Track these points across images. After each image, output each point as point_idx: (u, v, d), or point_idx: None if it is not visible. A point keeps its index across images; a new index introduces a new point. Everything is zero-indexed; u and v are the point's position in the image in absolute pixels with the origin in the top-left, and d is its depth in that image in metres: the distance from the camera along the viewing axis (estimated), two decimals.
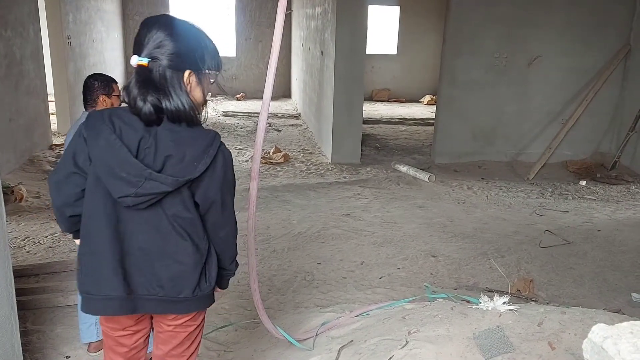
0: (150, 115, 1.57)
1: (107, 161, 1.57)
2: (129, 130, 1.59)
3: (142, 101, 1.56)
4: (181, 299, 1.72)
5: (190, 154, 1.59)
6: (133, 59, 1.58)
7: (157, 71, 1.58)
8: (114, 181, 1.57)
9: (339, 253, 4.48)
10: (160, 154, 1.59)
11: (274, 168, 7.01)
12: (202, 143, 1.62)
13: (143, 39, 1.58)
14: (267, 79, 2.18)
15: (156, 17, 1.65)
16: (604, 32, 7.19)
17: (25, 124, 6.67)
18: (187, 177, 1.59)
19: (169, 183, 1.58)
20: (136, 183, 1.56)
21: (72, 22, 8.50)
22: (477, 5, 6.98)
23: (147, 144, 1.59)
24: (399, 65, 13.40)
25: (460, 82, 7.24)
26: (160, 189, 1.58)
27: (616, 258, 4.54)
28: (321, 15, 8.04)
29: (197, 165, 1.60)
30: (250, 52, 12.97)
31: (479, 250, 4.61)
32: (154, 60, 1.57)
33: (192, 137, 1.62)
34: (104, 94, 2.81)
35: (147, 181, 1.56)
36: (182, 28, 1.62)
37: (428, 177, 6.60)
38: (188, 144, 1.60)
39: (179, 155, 1.59)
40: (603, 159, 7.39)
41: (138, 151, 1.59)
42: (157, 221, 1.65)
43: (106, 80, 2.85)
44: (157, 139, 1.59)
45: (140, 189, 1.56)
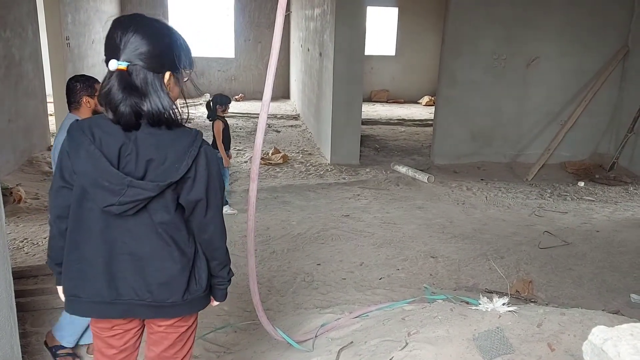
0: (130, 119, 1.55)
1: (89, 172, 1.56)
2: (108, 139, 1.58)
3: (124, 106, 1.53)
4: (170, 303, 1.71)
5: (171, 156, 1.58)
6: (112, 63, 1.52)
7: (137, 75, 1.55)
8: (98, 191, 1.56)
9: (338, 254, 4.48)
10: (142, 159, 1.58)
11: (273, 169, 7.01)
12: (183, 144, 1.59)
13: (118, 41, 1.53)
14: (267, 80, 2.19)
15: (129, 17, 1.59)
16: (603, 34, 7.20)
17: (24, 125, 6.66)
18: (169, 180, 1.58)
19: (150, 188, 1.57)
20: (119, 191, 1.55)
21: (71, 23, 8.49)
22: (476, 6, 6.98)
23: (127, 151, 1.57)
24: (397, 66, 13.41)
25: (459, 83, 7.25)
26: (143, 195, 1.57)
27: (615, 259, 4.54)
28: (320, 17, 8.04)
29: (179, 167, 1.58)
30: (249, 53, 12.97)
31: (478, 251, 4.61)
32: (133, 64, 1.53)
33: (173, 138, 1.60)
34: (87, 95, 2.78)
35: (129, 189, 1.55)
36: (156, 28, 1.59)
37: (427, 178, 6.60)
38: (169, 146, 1.58)
39: (160, 158, 1.57)
40: (601, 160, 7.40)
41: (119, 159, 1.58)
42: (144, 227, 1.64)
43: (88, 81, 2.83)
44: (138, 144, 1.57)
45: (123, 197, 1.55)
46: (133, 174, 1.57)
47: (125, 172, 1.57)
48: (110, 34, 1.56)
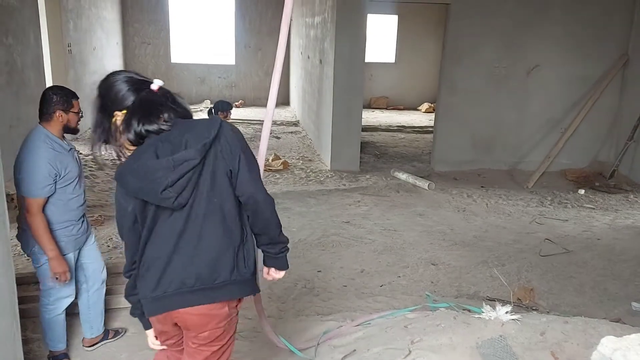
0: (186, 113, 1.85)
1: (136, 185, 1.72)
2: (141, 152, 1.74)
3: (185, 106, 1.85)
4: (218, 284, 1.79)
5: (199, 129, 1.76)
6: (157, 82, 1.81)
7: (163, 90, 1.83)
8: (148, 191, 1.70)
9: (339, 261, 4.48)
10: (176, 145, 1.73)
11: (274, 175, 7.02)
12: (205, 121, 1.83)
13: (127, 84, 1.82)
14: (271, 89, 2.20)
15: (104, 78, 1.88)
16: (602, 42, 7.24)
17: (26, 131, 6.62)
18: (203, 141, 1.71)
19: (191, 155, 1.70)
20: (164, 175, 1.68)
21: (73, 30, 8.52)
22: (476, 14, 7.01)
23: (161, 147, 1.73)
24: (397, 73, 13.45)
25: (459, 90, 7.27)
26: (189, 166, 1.69)
27: (616, 267, 4.54)
28: (320, 25, 8.08)
29: (209, 133, 1.74)
30: (249, 60, 13.00)
31: (479, 259, 4.61)
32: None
33: (196, 121, 1.83)
34: (62, 109, 2.68)
35: (175, 169, 1.68)
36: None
37: (428, 185, 6.61)
38: (194, 125, 1.79)
39: (190, 136, 1.74)
40: (602, 168, 7.41)
41: (157, 156, 1.73)
42: (195, 214, 1.76)
43: (66, 95, 2.72)
44: (170, 137, 1.75)
45: (173, 175, 1.68)
46: None
47: None
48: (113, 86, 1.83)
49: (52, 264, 2.69)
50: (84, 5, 9.12)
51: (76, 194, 2.78)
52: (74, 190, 2.76)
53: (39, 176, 2.61)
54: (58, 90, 2.75)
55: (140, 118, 1.74)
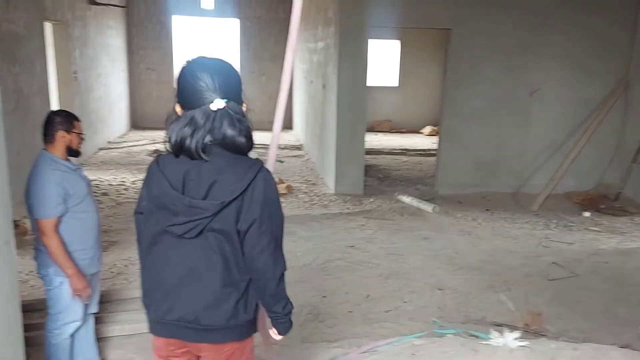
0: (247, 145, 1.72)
1: (157, 196, 1.72)
2: (174, 166, 1.71)
3: (240, 136, 1.69)
4: (216, 327, 1.76)
5: (230, 177, 1.68)
6: (218, 102, 1.66)
7: (231, 109, 1.69)
8: (163, 212, 1.70)
9: (344, 286, 4.45)
10: (205, 182, 1.69)
11: None
12: (242, 166, 1.70)
13: (210, 83, 1.67)
14: (276, 116, 2.21)
15: (210, 61, 1.73)
16: (604, 65, 7.29)
17: (31, 157, 6.67)
18: (222, 199, 1.65)
19: (207, 207, 1.66)
20: (180, 212, 1.67)
21: (79, 57, 8.64)
22: (477, 38, 7.09)
23: (191, 176, 1.70)
24: (399, 96, 13.55)
25: (461, 113, 7.30)
26: (202, 215, 1.66)
27: (624, 291, 4.49)
28: (323, 50, 8.17)
29: (235, 189, 1.66)
30: (253, 85, 13.12)
31: (486, 283, 4.57)
32: (229, 100, 1.68)
33: (234, 162, 1.71)
34: (64, 129, 2.76)
35: (189, 209, 1.66)
36: (231, 68, 1.77)
37: (432, 208, 6.59)
38: (229, 167, 1.70)
39: (221, 180, 1.68)
40: (607, 190, 7.39)
41: (184, 183, 1.70)
42: (202, 249, 1.72)
43: (68, 117, 2.82)
44: (201, 169, 1.69)
45: (184, 217, 1.66)
46: (196, 197, 1.68)
47: (190, 195, 1.69)
48: (195, 76, 1.68)
49: (72, 281, 2.73)
50: (90, 33, 9.27)
51: (89, 210, 2.84)
52: (86, 207, 2.81)
53: (48, 197, 2.68)
54: (60, 112, 2.87)
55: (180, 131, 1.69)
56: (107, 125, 10.47)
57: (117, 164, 8.73)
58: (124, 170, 8.24)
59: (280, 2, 12.54)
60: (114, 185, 7.44)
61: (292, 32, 2.14)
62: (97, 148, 9.73)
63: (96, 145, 9.68)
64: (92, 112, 9.39)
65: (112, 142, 10.63)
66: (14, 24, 6.23)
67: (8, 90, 6.06)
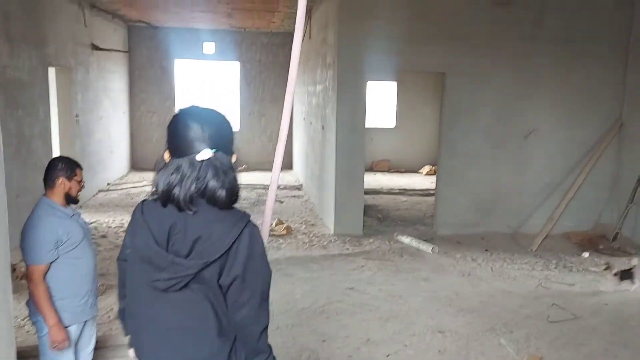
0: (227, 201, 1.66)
1: (141, 248, 1.70)
2: (160, 219, 1.68)
3: (222, 189, 1.65)
4: None
5: (216, 234, 1.65)
6: (206, 152, 1.64)
7: (218, 159, 1.67)
8: (147, 266, 1.68)
9: (343, 329, 4.40)
10: (189, 238, 1.65)
11: (277, 240, 7.01)
12: (228, 223, 1.67)
13: (199, 133, 1.66)
14: (276, 156, 2.23)
15: (201, 112, 1.73)
16: (597, 107, 7.42)
17: (31, 200, 6.70)
18: (206, 259, 1.63)
19: (191, 266, 1.63)
20: (163, 268, 1.64)
21: (81, 101, 8.79)
22: (472, 81, 7.24)
23: (177, 230, 1.66)
24: (397, 137, 13.71)
25: (459, 154, 7.38)
26: (185, 272, 1.63)
27: (625, 333, 4.45)
28: (322, 92, 8.33)
29: (219, 246, 1.63)
30: (253, 126, 13.31)
31: (486, 325, 4.52)
32: (217, 150, 1.67)
33: (221, 217, 1.67)
34: (65, 176, 2.79)
35: (172, 265, 1.63)
36: (221, 117, 1.76)
37: (431, 249, 6.58)
38: (215, 223, 1.66)
39: (205, 235, 1.64)
40: (604, 230, 7.39)
41: (169, 237, 1.67)
42: (189, 302, 1.69)
43: (70, 164, 2.85)
44: (187, 223, 1.66)
45: (166, 273, 1.64)
46: (180, 252, 1.65)
47: (174, 249, 1.66)
48: (185, 127, 1.67)
49: (52, 332, 2.71)
50: (92, 78, 9.47)
51: (82, 257, 2.82)
52: (80, 253, 2.80)
53: (39, 244, 2.69)
54: (63, 158, 2.90)
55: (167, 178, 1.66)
56: (107, 168, 10.55)
57: (116, 206, 8.75)
58: (123, 212, 8.25)
59: (280, 47, 12.85)
60: (113, 228, 7.44)
61: (291, 75, 2.19)
62: (97, 190, 9.77)
63: (96, 187, 9.73)
64: (93, 154, 9.48)
65: (112, 184, 10.68)
66: (18, 70, 6.38)
67: (10, 135, 6.15)
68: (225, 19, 10.91)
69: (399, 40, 7.04)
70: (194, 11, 9.92)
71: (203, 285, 1.67)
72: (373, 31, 6.98)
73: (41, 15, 7.07)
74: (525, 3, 7.08)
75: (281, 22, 11.05)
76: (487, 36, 7.15)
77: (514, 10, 7.12)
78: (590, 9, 7.21)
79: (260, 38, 12.84)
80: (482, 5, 7.08)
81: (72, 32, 8.36)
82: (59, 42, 7.76)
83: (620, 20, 7.29)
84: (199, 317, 1.70)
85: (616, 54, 7.35)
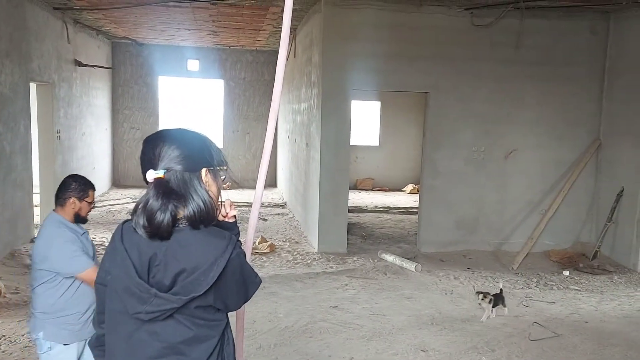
0: (167, 229, 1.57)
1: (122, 277, 1.60)
2: (141, 248, 1.60)
3: (163, 212, 1.56)
4: None
5: (201, 266, 1.57)
6: (149, 173, 1.58)
7: (175, 178, 1.59)
8: (128, 297, 1.59)
9: (327, 348, 4.38)
10: (171, 270, 1.58)
11: (260, 258, 6.97)
12: (213, 252, 1.58)
13: (151, 155, 1.61)
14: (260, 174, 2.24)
15: (156, 133, 1.70)
16: (575, 127, 7.58)
17: (10, 217, 6.63)
18: (192, 294, 1.56)
19: (174, 301, 1.56)
20: (146, 300, 1.57)
21: (63, 117, 8.72)
22: (454, 101, 7.36)
23: (156, 261, 1.58)
24: (381, 155, 13.82)
25: (441, 173, 7.47)
26: (168, 306, 1.57)
27: (606, 351, 4.50)
28: (307, 111, 8.38)
29: (204, 280, 1.56)
30: (237, 144, 13.31)
31: (469, 344, 4.54)
32: (169, 170, 1.58)
33: (205, 246, 1.59)
34: (76, 196, 2.80)
35: (155, 298, 1.56)
36: (183, 135, 1.69)
37: (415, 267, 6.61)
38: (200, 255, 1.58)
39: (190, 269, 1.57)
40: (584, 249, 7.50)
41: (150, 268, 1.59)
42: (172, 332, 1.62)
43: (84, 184, 2.84)
44: (167, 255, 1.58)
45: (149, 306, 1.57)
46: (162, 284, 1.57)
47: (155, 280, 1.58)
48: (143, 151, 1.64)
49: None
50: (75, 93, 9.42)
51: None
52: None
53: (70, 252, 2.70)
54: (78, 178, 2.89)
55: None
56: None
57: (97, 223, 8.64)
58: (104, 229, 8.15)
59: (265, 65, 12.94)
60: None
61: (275, 93, 2.21)
62: None
63: None
64: (74, 170, 9.37)
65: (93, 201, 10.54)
66: (0, 86, 6.32)
67: None
68: (210, 37, 10.97)
69: (383, 61, 7.15)
70: (180, 29, 9.96)
71: (183, 317, 1.61)
72: (357, 51, 7.08)
73: (25, 31, 7.04)
74: (505, 26, 7.26)
75: (266, 41, 11.14)
76: (469, 58, 7.30)
77: (494, 33, 7.29)
78: (567, 33, 7.41)
79: (245, 56, 12.92)
80: (463, 27, 7.23)
81: (56, 48, 8.33)
82: (42, 58, 7.73)
83: (596, 44, 7.50)
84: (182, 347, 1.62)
85: (593, 76, 7.55)
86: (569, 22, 7.37)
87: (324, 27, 7.08)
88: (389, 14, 7.07)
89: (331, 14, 7.01)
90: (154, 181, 1.58)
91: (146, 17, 8.84)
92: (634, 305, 5.66)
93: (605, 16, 7.42)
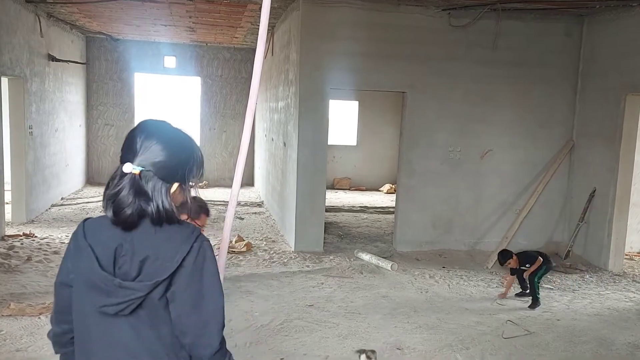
0: (133, 221, 1.57)
1: (86, 272, 1.59)
2: (105, 240, 1.60)
3: (130, 208, 1.57)
4: None
5: (165, 253, 1.58)
6: (127, 166, 1.57)
7: (147, 181, 1.59)
8: (93, 292, 1.58)
9: (302, 347, 4.37)
10: (137, 259, 1.58)
11: (237, 257, 6.92)
12: (177, 240, 1.60)
13: (138, 146, 1.59)
14: (236, 172, 2.22)
15: (155, 124, 1.67)
16: (549, 128, 7.72)
17: None
18: (155, 279, 1.56)
19: (139, 288, 1.55)
20: (111, 292, 1.56)
21: (35, 112, 8.53)
22: (430, 101, 7.42)
23: (123, 252, 1.58)
24: (359, 155, 13.86)
25: (417, 173, 7.52)
26: (134, 295, 1.56)
27: (577, 349, 4.58)
28: (284, 109, 8.35)
29: (169, 265, 1.57)
30: (213, 142, 13.20)
31: (443, 342, 4.58)
32: (146, 170, 1.58)
33: (169, 235, 1.60)
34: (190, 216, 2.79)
35: (120, 289, 1.55)
36: (178, 141, 1.67)
37: (390, 266, 6.64)
38: (164, 242, 1.59)
39: (153, 255, 1.58)
40: (557, 248, 7.64)
41: (115, 259, 1.58)
42: (142, 325, 1.60)
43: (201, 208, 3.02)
44: (134, 244, 1.58)
45: (115, 298, 1.56)
46: (128, 274, 1.57)
47: (122, 272, 1.57)
48: (133, 136, 1.62)
49: None
50: (48, 89, 9.21)
51: None
52: None
53: None
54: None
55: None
56: (61, 182, 10.23)
57: (70, 221, 8.47)
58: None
59: (242, 62, 12.85)
60: (66, 244, 7.19)
61: (252, 91, 2.19)
62: (50, 204, 9.45)
63: (49, 202, 9.41)
64: (47, 167, 9.19)
65: (66, 199, 10.35)
66: None
67: None
68: (187, 34, 10.85)
69: (361, 60, 7.16)
70: (156, 24, 9.82)
71: (150, 310, 1.59)
72: (335, 50, 7.08)
73: None
74: (482, 27, 7.34)
75: (244, 38, 11.07)
76: (446, 58, 7.36)
77: (471, 34, 7.36)
78: (542, 35, 7.54)
79: (222, 53, 12.81)
80: (440, 27, 7.29)
81: (28, 42, 8.14)
82: (13, 51, 7.54)
83: (570, 46, 7.64)
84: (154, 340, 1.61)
85: (567, 77, 7.69)
86: (545, 24, 7.49)
87: (302, 26, 7.06)
88: (367, 13, 7.09)
89: (309, 12, 7.00)
90: (129, 175, 1.58)
91: (121, 11, 8.70)
92: (604, 304, 5.78)
93: (579, 19, 7.56)
